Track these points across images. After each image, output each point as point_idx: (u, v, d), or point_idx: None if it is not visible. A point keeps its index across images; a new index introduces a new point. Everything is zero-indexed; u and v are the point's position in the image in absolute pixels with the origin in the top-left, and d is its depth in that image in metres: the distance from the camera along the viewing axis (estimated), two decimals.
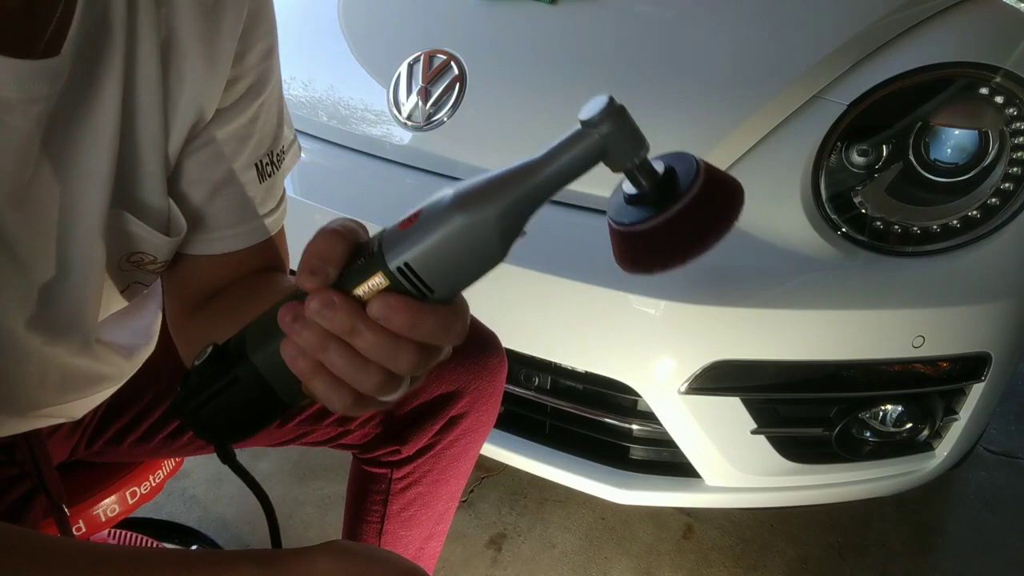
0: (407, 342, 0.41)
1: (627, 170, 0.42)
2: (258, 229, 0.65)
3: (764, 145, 1.17)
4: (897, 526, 1.58)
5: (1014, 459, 1.77)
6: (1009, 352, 1.21)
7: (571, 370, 1.22)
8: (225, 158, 0.60)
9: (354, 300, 0.41)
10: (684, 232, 0.42)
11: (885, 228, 1.15)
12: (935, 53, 1.17)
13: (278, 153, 0.65)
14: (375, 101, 1.37)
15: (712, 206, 0.42)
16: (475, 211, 0.40)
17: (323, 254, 0.41)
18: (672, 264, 0.43)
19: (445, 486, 0.94)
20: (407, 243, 0.40)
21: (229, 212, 0.62)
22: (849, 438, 1.25)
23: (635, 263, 0.44)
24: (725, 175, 0.43)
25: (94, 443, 0.82)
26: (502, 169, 0.41)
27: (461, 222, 0.40)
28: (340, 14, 1.50)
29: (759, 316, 1.12)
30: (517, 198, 0.40)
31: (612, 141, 0.40)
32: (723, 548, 1.51)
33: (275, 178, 0.65)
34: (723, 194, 0.43)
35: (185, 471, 1.61)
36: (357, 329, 0.40)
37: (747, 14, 1.29)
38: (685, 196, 0.41)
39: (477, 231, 0.40)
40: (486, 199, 0.40)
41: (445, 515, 0.99)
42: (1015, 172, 1.14)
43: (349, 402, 0.43)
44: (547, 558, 1.48)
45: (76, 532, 0.82)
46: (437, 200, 0.41)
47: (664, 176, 0.42)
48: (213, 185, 0.61)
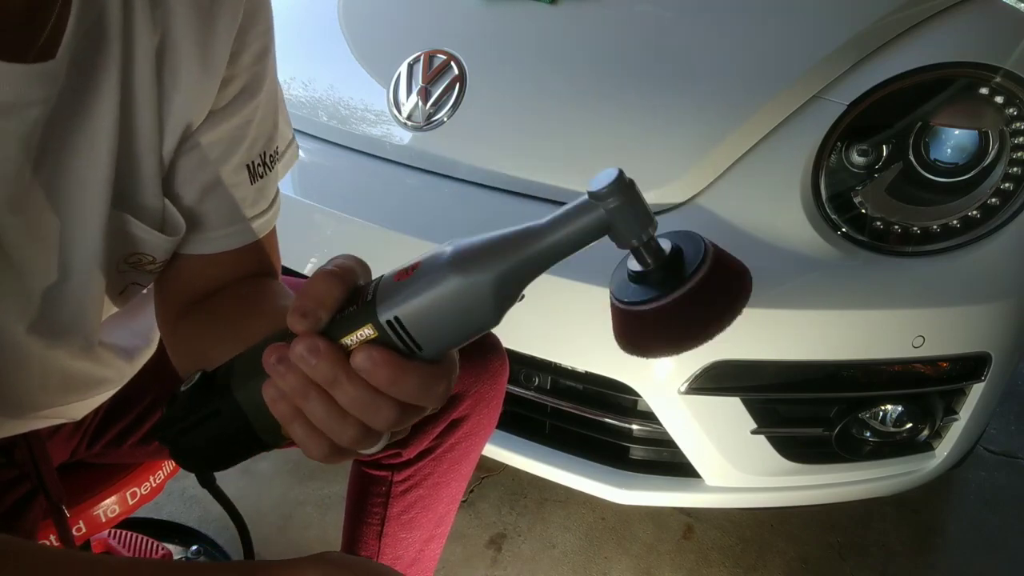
0: (387, 399, 0.40)
1: (633, 247, 0.41)
2: (248, 230, 0.64)
3: (764, 145, 1.17)
4: (897, 526, 1.58)
5: (1014, 459, 1.77)
6: (1009, 352, 1.21)
7: (571, 370, 1.22)
8: (216, 160, 0.60)
9: (340, 349, 0.40)
10: (687, 317, 0.40)
11: (885, 228, 1.15)
12: (935, 53, 1.18)
13: (271, 154, 0.64)
14: (375, 101, 1.37)
15: (718, 291, 0.40)
16: (472, 274, 0.38)
17: (318, 297, 0.40)
18: (672, 348, 0.41)
19: (446, 488, 0.94)
20: (400, 297, 0.39)
21: (219, 213, 0.62)
22: (849, 438, 1.25)
23: (634, 344, 0.43)
24: (733, 259, 0.42)
25: (94, 444, 0.82)
26: (504, 231, 0.40)
27: (456, 283, 0.38)
28: (340, 14, 1.50)
29: (759, 316, 1.11)
30: (516, 264, 0.39)
31: (619, 217, 0.39)
32: (723, 548, 1.51)
33: (267, 179, 0.64)
34: (730, 279, 0.41)
35: (185, 471, 1.61)
36: (339, 380, 0.39)
37: (747, 14, 1.29)
38: (691, 279, 0.39)
39: (472, 294, 0.39)
40: (484, 262, 0.39)
41: (446, 517, 0.99)
42: (1015, 172, 1.14)
43: (325, 451, 0.42)
44: (547, 558, 1.48)
45: (76, 533, 0.82)
46: (436, 255, 0.40)
47: (671, 256, 0.41)
48: (204, 186, 0.60)
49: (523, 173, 1.23)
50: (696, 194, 1.18)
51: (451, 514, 1.00)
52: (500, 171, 1.25)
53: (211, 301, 0.64)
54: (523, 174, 1.23)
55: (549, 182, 1.22)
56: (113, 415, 0.80)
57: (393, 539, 0.96)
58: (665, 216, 1.18)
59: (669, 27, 1.32)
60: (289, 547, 1.47)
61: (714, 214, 1.16)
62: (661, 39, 1.30)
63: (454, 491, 0.96)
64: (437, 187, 1.29)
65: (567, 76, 1.28)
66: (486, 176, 1.26)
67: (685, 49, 1.28)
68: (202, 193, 0.61)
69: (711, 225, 1.16)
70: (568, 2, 1.34)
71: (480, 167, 1.27)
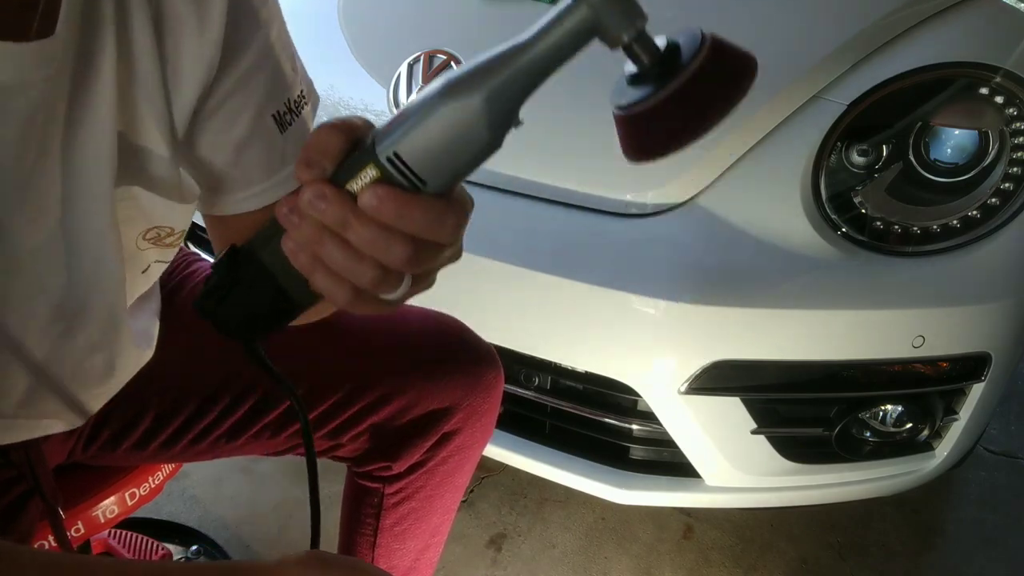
0: (399, 234, 0.40)
1: (625, 45, 0.39)
2: (287, 180, 0.64)
3: (764, 145, 1.17)
4: (897, 526, 1.58)
5: (1014, 459, 1.77)
6: (1009, 352, 1.21)
7: (571, 370, 1.22)
8: (242, 114, 0.60)
9: (346, 193, 0.40)
10: (693, 104, 0.38)
11: (885, 228, 1.15)
12: (935, 53, 1.17)
13: (295, 99, 0.63)
14: (375, 101, 1.36)
15: (719, 78, 0.39)
16: (460, 96, 0.38)
17: (321, 147, 0.41)
18: (683, 140, 0.39)
19: (439, 500, 0.93)
20: (397, 134, 0.40)
21: (258, 167, 0.62)
22: (849, 438, 1.25)
23: (643, 146, 0.41)
24: (735, 48, 0.40)
25: (89, 448, 0.81)
26: (491, 51, 0.39)
27: (447, 109, 0.38)
28: (340, 14, 1.50)
29: (759, 316, 1.11)
30: (504, 81, 0.39)
31: (605, 11, 0.38)
32: (723, 548, 1.51)
33: (296, 126, 0.64)
34: (732, 61, 0.39)
35: (185, 471, 1.61)
36: (348, 221, 0.40)
37: (747, 14, 1.29)
38: (687, 68, 0.38)
39: (464, 117, 0.39)
40: (472, 84, 0.38)
41: (440, 527, 0.98)
42: (1015, 172, 1.14)
43: (349, 296, 0.43)
44: (547, 558, 1.48)
45: (76, 533, 0.82)
46: (428, 88, 0.40)
47: (666, 51, 0.40)
48: (236, 143, 0.60)
49: (523, 173, 1.23)
50: (696, 194, 1.18)
51: (447, 524, 0.99)
52: (500, 171, 1.25)
53: None
54: (523, 174, 1.23)
55: (549, 182, 1.22)
56: (107, 419, 0.80)
57: (387, 549, 0.95)
58: (665, 216, 1.18)
59: (669, 26, 1.31)
60: (290, 547, 1.47)
61: (714, 214, 1.16)
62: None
63: (448, 503, 0.95)
64: None
65: (567, 75, 1.28)
66: (486, 176, 1.26)
67: None
68: (237, 151, 0.60)
69: (711, 225, 1.16)
70: None
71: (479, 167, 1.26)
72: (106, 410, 0.75)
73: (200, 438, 0.83)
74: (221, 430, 0.83)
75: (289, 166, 0.63)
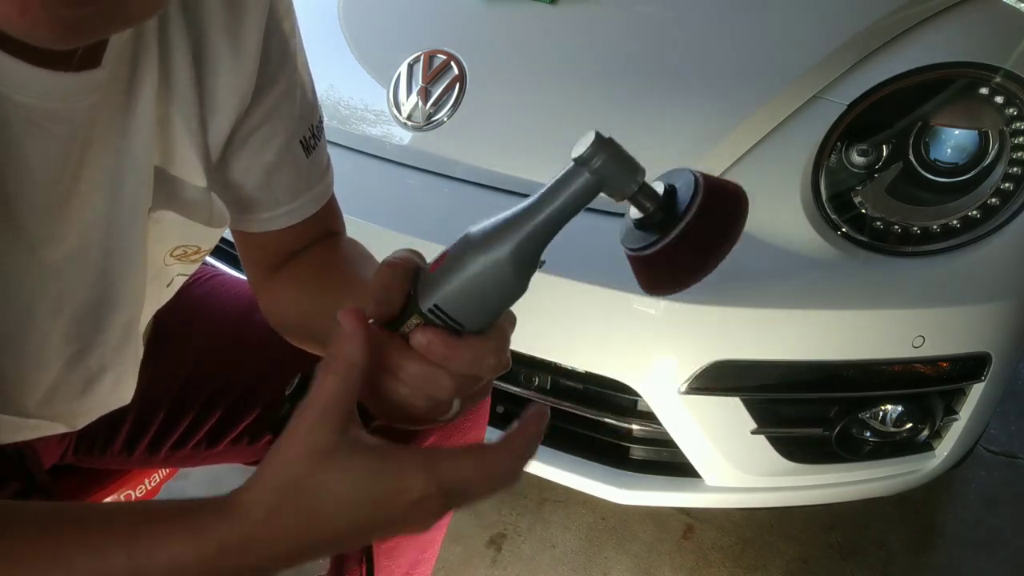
0: (444, 372, 0.46)
1: (628, 197, 0.43)
2: (313, 199, 0.69)
3: (764, 145, 1.17)
4: (897, 526, 1.58)
5: (1014, 459, 1.77)
6: (1009, 352, 1.21)
7: (571, 370, 1.22)
8: (271, 141, 0.64)
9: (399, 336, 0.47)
10: (695, 246, 0.43)
11: (885, 228, 1.15)
12: (935, 53, 1.17)
13: (316, 125, 0.68)
14: (375, 101, 1.37)
15: (717, 216, 0.43)
16: (489, 252, 0.43)
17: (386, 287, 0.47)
18: (692, 279, 0.44)
19: None
20: (434, 287, 0.45)
21: (286, 189, 0.66)
22: (849, 438, 1.25)
23: (656, 284, 0.46)
24: (725, 183, 0.44)
25: (79, 451, 0.82)
26: (512, 210, 0.45)
27: (479, 264, 0.44)
28: (340, 14, 1.50)
29: (759, 316, 1.11)
30: (525, 237, 0.43)
31: (606, 173, 0.42)
32: (723, 548, 1.51)
33: (318, 149, 0.69)
34: (726, 202, 0.44)
35: (184, 471, 1.60)
36: (399, 362, 0.46)
37: (747, 14, 1.29)
38: (688, 213, 0.42)
39: (494, 270, 0.44)
40: (498, 240, 0.43)
41: (431, 544, 0.98)
42: (1015, 172, 1.14)
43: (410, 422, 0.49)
44: (547, 558, 1.48)
45: None
46: (458, 243, 0.45)
47: (665, 196, 0.44)
48: (267, 167, 0.64)
49: (523, 173, 1.23)
50: None
51: (437, 541, 0.99)
52: (500, 171, 1.25)
53: (295, 262, 0.71)
54: (523, 174, 1.23)
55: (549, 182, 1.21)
56: (98, 424, 0.80)
57: (376, 566, 0.95)
58: None
59: (669, 27, 1.31)
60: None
61: None
62: (661, 39, 1.30)
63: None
64: (436, 187, 1.29)
65: (567, 76, 1.28)
66: (486, 176, 1.26)
67: (685, 49, 1.28)
68: (267, 175, 0.65)
69: None
70: (568, 2, 1.34)
71: (480, 167, 1.27)
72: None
73: (180, 444, 0.84)
74: (198, 436, 0.84)
75: (314, 188, 0.69)
